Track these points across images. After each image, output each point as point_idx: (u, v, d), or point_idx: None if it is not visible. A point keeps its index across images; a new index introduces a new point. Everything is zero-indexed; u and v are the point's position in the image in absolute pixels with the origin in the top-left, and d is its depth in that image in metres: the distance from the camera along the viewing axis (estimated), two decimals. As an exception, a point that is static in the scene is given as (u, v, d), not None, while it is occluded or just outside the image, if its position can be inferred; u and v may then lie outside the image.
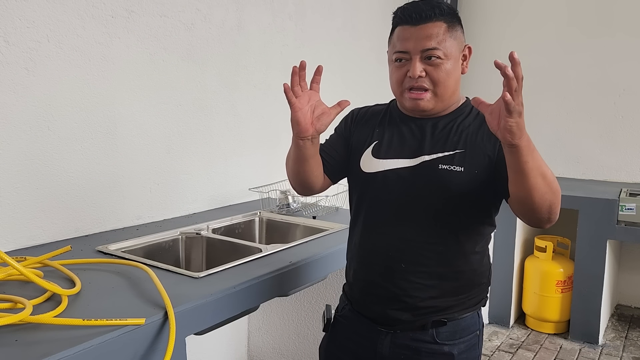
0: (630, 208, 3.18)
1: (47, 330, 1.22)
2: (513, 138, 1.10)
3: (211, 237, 2.18)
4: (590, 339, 3.40)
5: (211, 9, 2.51)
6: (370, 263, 1.43)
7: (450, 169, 1.31)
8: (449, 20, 1.33)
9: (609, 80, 3.91)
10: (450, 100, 1.38)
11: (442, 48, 1.31)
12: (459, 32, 1.35)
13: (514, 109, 1.08)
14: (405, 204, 1.36)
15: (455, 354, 1.38)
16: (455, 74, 1.35)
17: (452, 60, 1.33)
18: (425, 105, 1.35)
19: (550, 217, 1.23)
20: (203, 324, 1.48)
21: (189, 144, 2.48)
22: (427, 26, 1.31)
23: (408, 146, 1.39)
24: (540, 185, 1.16)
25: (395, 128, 1.44)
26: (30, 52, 1.85)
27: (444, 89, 1.34)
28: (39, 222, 1.94)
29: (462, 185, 1.31)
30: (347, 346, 1.49)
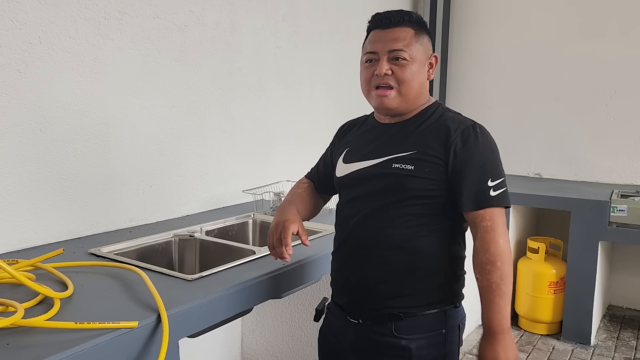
0: (621, 210, 3.20)
1: (39, 333, 1.21)
2: None
3: (204, 239, 2.18)
4: (582, 340, 3.42)
5: (204, 11, 2.50)
6: (338, 253, 1.57)
7: (402, 167, 1.42)
8: (417, 27, 1.46)
9: (601, 83, 3.94)
10: (415, 102, 1.48)
11: (408, 50, 1.43)
12: (425, 40, 1.48)
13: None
14: (366, 200, 1.48)
15: (413, 349, 1.43)
16: (419, 77, 1.46)
17: (417, 64, 1.44)
18: (390, 102, 1.46)
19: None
20: (196, 327, 1.47)
21: (183, 146, 2.48)
22: (396, 30, 1.44)
23: (372, 149, 1.51)
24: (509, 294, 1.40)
25: (364, 134, 1.58)
26: (22, 54, 1.84)
27: (408, 89, 1.44)
28: (31, 224, 1.93)
29: (411, 182, 1.41)
30: (327, 336, 1.64)
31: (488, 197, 1.39)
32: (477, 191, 1.39)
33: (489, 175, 1.41)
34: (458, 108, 4.69)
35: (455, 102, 4.53)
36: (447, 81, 4.51)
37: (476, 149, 1.41)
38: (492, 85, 4.37)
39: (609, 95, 3.92)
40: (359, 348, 1.51)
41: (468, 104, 4.48)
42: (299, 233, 1.54)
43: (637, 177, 3.88)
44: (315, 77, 3.32)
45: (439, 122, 1.46)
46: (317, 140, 3.39)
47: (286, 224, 1.53)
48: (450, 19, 4.43)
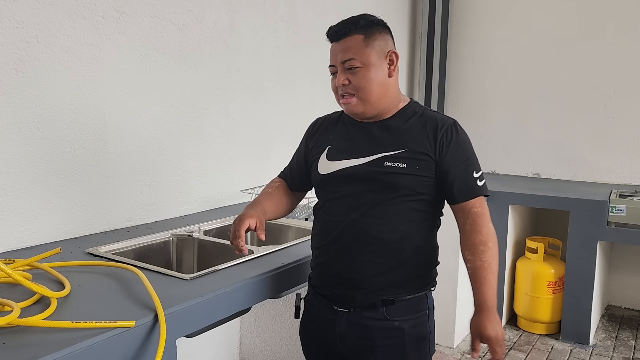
0: (620, 209, 3.20)
1: (36, 333, 1.20)
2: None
3: (203, 238, 2.17)
4: (581, 340, 3.42)
5: (203, 10, 2.50)
6: (327, 248, 1.59)
7: (395, 165, 1.48)
8: (366, 32, 1.52)
9: (599, 83, 3.94)
10: (381, 102, 1.53)
11: (359, 57, 1.49)
12: (377, 41, 1.52)
13: None
14: (358, 198, 1.52)
15: (405, 328, 1.52)
16: (377, 79, 1.50)
17: (371, 67, 1.49)
18: (355, 109, 1.53)
19: None
20: (194, 326, 1.47)
21: (181, 145, 2.47)
22: (345, 40, 1.52)
23: (358, 147, 1.55)
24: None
25: (346, 132, 1.62)
26: (19, 53, 1.83)
27: (367, 94, 1.50)
28: (28, 224, 1.92)
29: (405, 179, 1.48)
30: (312, 329, 1.67)
31: (476, 187, 1.51)
32: (467, 183, 1.50)
33: (473, 168, 1.52)
34: (457, 108, 4.72)
35: (454, 102, 4.53)
36: (446, 81, 4.50)
37: (460, 144, 1.52)
38: (491, 86, 4.37)
39: (608, 95, 3.92)
40: (350, 335, 1.56)
41: (467, 104, 4.48)
42: (256, 228, 1.59)
43: (635, 177, 3.88)
44: (314, 76, 3.31)
45: (423, 120, 1.54)
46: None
47: (242, 219, 1.59)
48: (449, 19, 4.43)
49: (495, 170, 4.41)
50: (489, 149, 4.39)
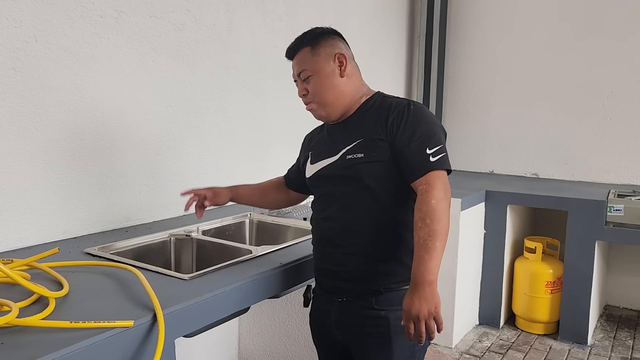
0: (618, 209, 3.21)
1: (34, 332, 1.20)
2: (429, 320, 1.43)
3: (201, 238, 2.17)
4: (579, 340, 3.42)
5: (201, 10, 2.50)
6: (317, 245, 1.71)
7: (354, 156, 1.56)
8: (312, 43, 1.64)
9: (597, 83, 3.94)
10: (340, 102, 1.63)
11: (308, 67, 1.62)
12: (324, 47, 1.63)
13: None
14: (332, 193, 1.64)
15: (390, 318, 1.57)
16: (328, 83, 1.61)
17: (320, 73, 1.61)
18: (317, 113, 1.66)
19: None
20: (192, 326, 1.47)
21: (179, 145, 2.47)
22: (297, 56, 1.67)
23: (329, 148, 1.66)
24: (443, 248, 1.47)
25: (323, 138, 1.74)
26: (17, 52, 1.83)
27: (322, 97, 1.61)
28: (27, 224, 1.92)
29: (365, 168, 1.54)
30: (315, 317, 1.80)
31: (428, 163, 1.49)
32: (418, 160, 1.50)
33: (426, 145, 1.51)
34: (455, 109, 4.73)
35: (452, 102, 4.53)
36: (444, 81, 4.51)
37: (412, 123, 1.53)
38: (489, 86, 4.37)
39: (606, 95, 3.93)
40: (343, 322, 1.65)
41: (465, 104, 4.49)
42: (206, 197, 1.91)
43: (633, 177, 3.89)
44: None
45: (379, 108, 1.60)
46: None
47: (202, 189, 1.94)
48: (447, 19, 4.43)
49: (494, 170, 4.41)
50: (487, 149, 4.40)
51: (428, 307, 1.39)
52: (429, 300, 1.40)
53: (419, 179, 1.49)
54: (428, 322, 1.40)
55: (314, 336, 1.83)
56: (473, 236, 3.50)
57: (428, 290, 1.40)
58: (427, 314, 1.39)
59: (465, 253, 3.37)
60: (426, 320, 1.40)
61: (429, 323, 1.40)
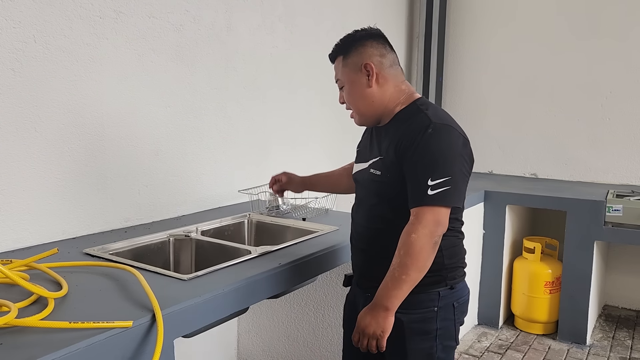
0: (617, 209, 3.21)
1: (33, 333, 1.20)
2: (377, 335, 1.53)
3: (200, 239, 2.17)
4: (578, 340, 3.43)
5: (200, 11, 2.50)
6: (351, 243, 1.80)
7: (374, 172, 1.62)
8: (344, 51, 1.65)
9: (596, 83, 3.95)
10: (372, 111, 1.63)
11: (341, 77, 1.67)
12: (350, 59, 1.63)
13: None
14: (360, 197, 1.73)
15: (405, 321, 1.58)
16: (357, 93, 1.63)
17: (349, 84, 1.64)
18: (356, 121, 1.71)
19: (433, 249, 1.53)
20: (191, 327, 1.47)
21: (178, 145, 2.47)
22: (334, 65, 1.70)
23: (366, 151, 1.71)
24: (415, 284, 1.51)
25: (366, 138, 1.78)
26: (16, 53, 1.83)
27: (356, 107, 1.66)
28: (26, 224, 1.92)
29: (380, 185, 1.60)
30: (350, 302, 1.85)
31: (424, 196, 1.46)
32: (416, 190, 1.49)
33: (430, 174, 1.46)
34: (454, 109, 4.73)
35: (452, 103, 4.54)
36: (443, 82, 4.51)
37: (422, 150, 1.49)
38: (488, 86, 4.38)
39: (605, 95, 3.93)
40: None
41: (464, 104, 4.49)
42: (281, 180, 2.20)
43: (632, 177, 3.89)
44: (312, 77, 3.31)
45: (405, 124, 1.57)
46: (313, 140, 3.39)
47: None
48: (446, 20, 4.43)
49: (493, 170, 4.42)
50: (486, 149, 4.40)
51: (374, 329, 1.50)
52: (380, 323, 1.49)
53: (412, 209, 1.49)
54: (370, 340, 1.51)
55: (345, 321, 1.90)
56: (472, 236, 3.50)
57: (382, 315, 1.49)
58: (372, 333, 1.50)
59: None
60: (369, 338, 1.51)
61: (371, 342, 1.51)
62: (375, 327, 1.49)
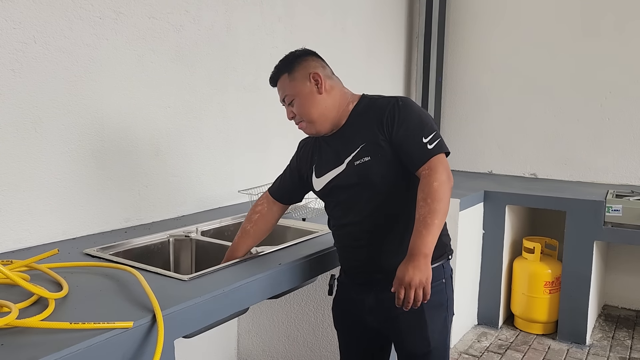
0: (616, 209, 3.21)
1: (34, 334, 1.20)
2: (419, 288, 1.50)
3: (200, 239, 2.17)
4: (577, 340, 3.43)
5: (200, 11, 2.50)
6: (343, 247, 1.81)
7: (362, 161, 1.65)
8: (288, 69, 1.72)
9: (596, 83, 3.95)
10: (326, 117, 1.71)
11: (289, 92, 1.71)
12: (298, 72, 1.71)
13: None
14: (350, 199, 1.71)
15: None
16: (310, 102, 1.69)
17: (300, 95, 1.69)
18: (309, 131, 1.75)
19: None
20: (192, 327, 1.47)
21: (178, 146, 2.47)
22: (278, 84, 1.76)
23: (333, 159, 1.74)
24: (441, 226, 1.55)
25: (321, 149, 1.81)
26: (16, 54, 1.83)
27: (309, 116, 1.70)
28: (26, 224, 1.92)
29: (375, 169, 1.63)
30: (345, 305, 1.88)
31: (426, 151, 1.59)
32: (417, 151, 1.60)
33: (422, 134, 1.61)
34: (454, 109, 4.73)
35: (451, 102, 4.54)
36: (443, 82, 4.51)
37: (404, 118, 1.62)
38: (487, 86, 4.38)
39: (604, 95, 3.93)
40: (378, 307, 1.74)
41: (464, 104, 4.49)
42: None
43: (632, 177, 3.89)
44: (311, 77, 3.31)
45: (370, 111, 1.69)
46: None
47: None
48: (445, 19, 4.43)
49: (492, 170, 4.42)
50: (485, 149, 4.40)
51: (420, 277, 1.48)
52: (423, 270, 1.48)
53: (422, 166, 1.58)
54: (417, 290, 1.48)
55: (340, 324, 1.92)
56: (472, 236, 3.50)
57: (422, 262, 1.49)
58: (418, 283, 1.48)
59: (464, 253, 3.38)
60: (416, 289, 1.47)
61: (418, 292, 1.48)
62: (420, 276, 1.48)
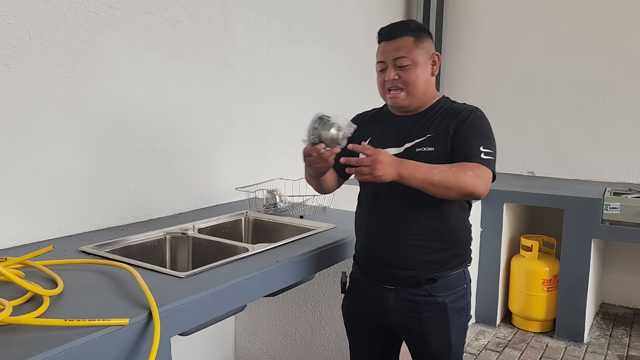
0: (614, 207, 3.21)
1: (28, 331, 1.19)
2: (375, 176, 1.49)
3: (197, 236, 2.16)
4: (575, 337, 3.43)
5: (197, 7, 2.49)
6: (374, 233, 1.76)
7: (425, 149, 1.66)
8: (416, 35, 1.70)
9: (594, 81, 3.95)
10: (424, 97, 1.72)
11: (409, 56, 1.67)
12: (425, 43, 1.71)
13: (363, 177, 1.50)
14: (395, 183, 1.59)
15: (447, 303, 1.70)
16: (423, 76, 1.70)
17: (419, 66, 1.68)
18: (401, 102, 1.71)
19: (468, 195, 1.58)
20: (188, 324, 1.46)
21: (175, 143, 2.46)
22: (397, 41, 1.69)
23: (394, 138, 1.72)
24: (432, 189, 1.54)
25: (384, 125, 1.79)
26: (11, 49, 1.81)
27: (414, 89, 1.69)
28: (21, 222, 1.90)
29: (434, 161, 1.60)
30: (360, 303, 1.84)
31: (479, 156, 1.61)
32: (470, 150, 1.62)
33: (481, 144, 1.64)
34: (451, 106, 4.66)
35: (449, 100, 4.53)
36: (441, 80, 4.51)
37: (474, 123, 1.67)
38: (485, 84, 4.37)
39: (602, 93, 3.93)
40: (398, 308, 1.73)
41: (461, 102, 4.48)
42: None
43: (629, 175, 3.90)
44: (309, 74, 3.31)
45: (448, 110, 1.71)
46: None
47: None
48: (443, 18, 4.43)
49: (490, 168, 4.41)
50: (483, 147, 4.39)
51: (382, 173, 1.47)
52: (387, 174, 1.49)
53: (470, 162, 1.59)
54: (365, 169, 1.47)
55: (353, 322, 1.89)
56: (469, 234, 3.50)
57: (396, 171, 1.50)
58: (375, 173, 1.47)
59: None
60: (366, 169, 1.47)
61: (364, 170, 1.48)
62: (383, 172, 1.48)
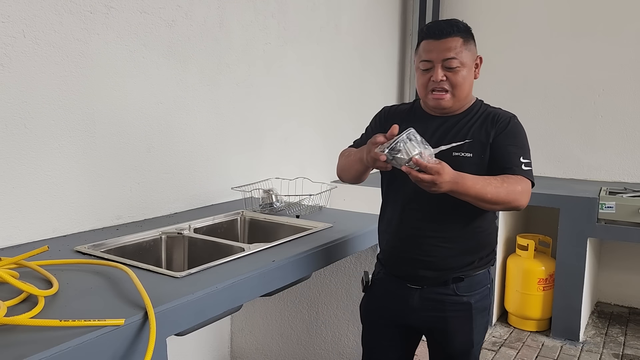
0: (609, 206, 3.22)
1: (23, 331, 1.18)
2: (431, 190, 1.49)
3: (193, 236, 2.15)
4: (571, 336, 3.44)
5: (192, 6, 2.48)
6: (401, 233, 1.77)
7: (462, 155, 1.65)
8: (465, 36, 1.67)
9: (589, 80, 3.96)
10: (465, 100, 1.72)
11: (459, 58, 1.64)
12: (472, 45, 1.69)
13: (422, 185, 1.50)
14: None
15: (472, 303, 1.73)
16: (469, 79, 1.69)
17: (466, 68, 1.66)
18: (446, 104, 1.69)
19: (512, 208, 1.64)
20: (184, 324, 1.45)
21: (170, 142, 2.45)
22: (447, 40, 1.64)
23: (428, 138, 1.61)
24: (481, 204, 1.57)
25: (418, 124, 1.67)
26: (5, 48, 1.80)
27: (461, 91, 1.68)
28: (15, 221, 1.89)
29: (471, 167, 1.62)
30: (383, 302, 1.85)
31: (520, 168, 1.63)
32: (511, 161, 1.63)
33: (521, 154, 1.66)
34: (447, 106, 4.66)
35: (445, 100, 4.53)
36: (437, 79, 4.51)
37: (513, 133, 1.68)
38: (480, 84, 4.34)
39: (597, 93, 3.95)
40: (423, 308, 1.75)
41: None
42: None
43: (625, 175, 3.91)
44: (305, 73, 3.30)
45: (486, 115, 1.72)
46: (306, 137, 3.38)
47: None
48: (439, 17, 4.43)
49: (486, 167, 4.42)
50: (479, 146, 4.40)
51: (442, 188, 1.48)
52: (445, 187, 1.48)
53: (511, 172, 1.62)
54: (425, 183, 1.46)
55: (371, 321, 1.90)
56: (465, 234, 3.50)
57: (453, 185, 1.49)
58: (435, 186, 1.47)
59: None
60: (426, 183, 1.46)
61: (427, 184, 1.47)
62: (443, 188, 1.48)
